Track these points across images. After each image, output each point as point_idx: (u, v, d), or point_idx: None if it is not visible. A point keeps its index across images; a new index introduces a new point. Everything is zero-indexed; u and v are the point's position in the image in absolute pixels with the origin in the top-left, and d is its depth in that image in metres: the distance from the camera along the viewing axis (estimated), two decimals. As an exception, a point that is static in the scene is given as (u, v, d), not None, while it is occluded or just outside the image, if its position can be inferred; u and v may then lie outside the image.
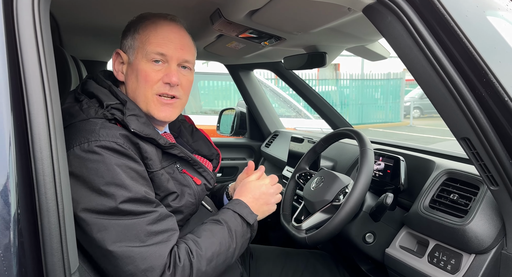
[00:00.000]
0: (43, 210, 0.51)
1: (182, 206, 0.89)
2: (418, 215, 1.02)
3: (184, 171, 0.93)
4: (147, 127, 0.86)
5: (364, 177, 1.01)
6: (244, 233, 0.91)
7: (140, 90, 0.90)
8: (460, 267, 0.88)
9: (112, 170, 0.77)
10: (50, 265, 0.50)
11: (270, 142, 2.36)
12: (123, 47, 0.95)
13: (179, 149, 0.91)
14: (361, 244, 1.14)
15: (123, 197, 0.76)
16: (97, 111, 0.84)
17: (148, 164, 0.84)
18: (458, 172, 1.00)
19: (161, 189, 0.87)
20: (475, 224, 0.86)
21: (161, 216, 0.81)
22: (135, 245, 0.75)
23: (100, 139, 0.78)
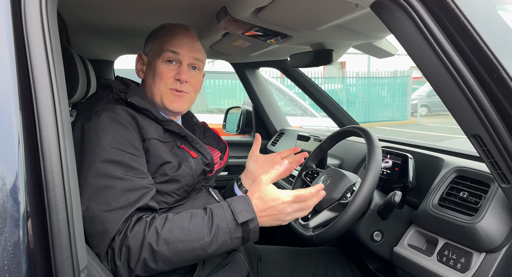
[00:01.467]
0: (52, 208, 0.51)
1: (178, 175, 0.94)
2: (427, 213, 1.01)
3: (182, 147, 1.01)
4: (146, 102, 0.97)
5: (372, 175, 1.00)
6: (230, 230, 0.83)
7: (156, 85, 1.04)
8: (470, 266, 0.87)
9: (101, 134, 0.86)
10: (59, 262, 0.51)
11: (276, 141, 2.35)
12: (145, 51, 1.12)
13: (176, 126, 1.00)
14: (369, 242, 1.13)
15: (103, 157, 0.83)
16: (107, 95, 0.99)
17: (144, 133, 0.93)
18: (468, 169, 0.99)
19: (156, 157, 0.92)
20: (486, 222, 0.84)
21: (135, 186, 0.84)
22: (101, 208, 0.81)
23: (99, 109, 0.91)
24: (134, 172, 0.86)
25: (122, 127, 0.89)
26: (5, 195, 0.51)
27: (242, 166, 2.45)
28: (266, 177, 0.89)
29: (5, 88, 0.52)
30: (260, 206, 0.86)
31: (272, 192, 0.87)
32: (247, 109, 2.55)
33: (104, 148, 0.85)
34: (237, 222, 0.83)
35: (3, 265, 0.49)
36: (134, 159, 0.88)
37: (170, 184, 0.94)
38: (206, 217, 0.84)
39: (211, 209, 0.86)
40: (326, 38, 1.39)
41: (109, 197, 0.82)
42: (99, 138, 0.86)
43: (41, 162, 0.51)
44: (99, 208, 0.81)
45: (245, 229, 0.84)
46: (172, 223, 0.82)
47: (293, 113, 4.59)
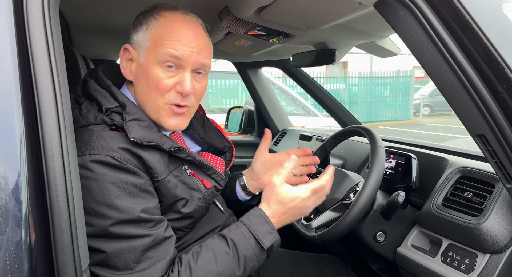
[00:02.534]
0: (54, 208, 0.51)
1: (192, 212, 0.84)
2: (431, 213, 1.00)
3: (193, 174, 0.86)
4: (150, 132, 0.79)
5: (375, 175, 1.00)
6: (257, 256, 0.78)
7: (150, 97, 0.82)
8: (475, 267, 0.86)
9: (104, 189, 0.71)
10: (61, 262, 0.50)
11: (278, 140, 2.35)
12: (133, 43, 0.84)
13: (185, 153, 0.84)
14: (372, 243, 1.13)
15: (114, 219, 0.71)
16: (96, 117, 0.78)
17: (153, 173, 0.78)
18: (473, 170, 0.98)
19: (169, 197, 0.81)
20: (491, 223, 0.84)
21: (155, 241, 0.74)
22: (121, 273, 0.71)
23: (94, 153, 0.72)
24: (151, 224, 0.75)
25: (127, 173, 0.74)
26: (7, 195, 0.50)
27: (244, 166, 2.45)
28: (278, 179, 0.84)
29: (7, 87, 0.52)
30: (280, 210, 0.82)
31: (289, 193, 0.83)
32: (249, 109, 2.55)
33: (112, 208, 0.71)
34: (262, 247, 0.79)
35: (5, 265, 0.49)
36: (148, 209, 0.75)
37: (182, 221, 0.85)
38: (231, 252, 0.77)
39: (232, 240, 0.78)
40: (329, 37, 1.38)
41: (129, 261, 0.71)
42: (104, 195, 0.71)
43: (43, 162, 0.51)
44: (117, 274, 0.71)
45: (269, 249, 0.80)
46: (199, 272, 0.74)
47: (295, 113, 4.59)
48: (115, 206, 0.71)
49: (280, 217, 0.83)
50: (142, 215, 0.73)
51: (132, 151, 0.76)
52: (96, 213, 0.70)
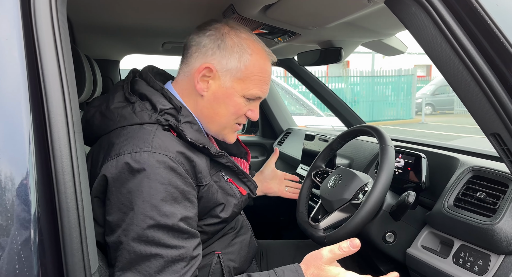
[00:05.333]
0: (63, 210, 0.49)
1: (228, 217, 0.87)
2: (442, 214, 0.98)
3: (230, 180, 0.90)
4: (200, 135, 0.83)
5: (385, 175, 0.98)
6: None
7: (226, 117, 0.89)
8: (488, 269, 0.85)
9: (154, 188, 0.71)
10: (71, 265, 0.49)
11: (282, 140, 2.33)
12: (220, 66, 0.85)
13: (227, 158, 0.88)
14: (381, 244, 1.11)
15: (153, 221, 0.70)
16: (151, 116, 0.80)
17: (200, 178, 0.80)
18: (485, 169, 0.96)
19: (212, 201, 0.83)
20: (505, 224, 0.82)
21: (183, 256, 0.73)
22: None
23: (153, 150, 0.74)
24: (185, 236, 0.75)
25: (178, 177, 0.74)
26: (16, 197, 0.49)
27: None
28: (328, 256, 0.78)
29: (15, 88, 0.51)
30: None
31: (334, 274, 0.77)
32: (253, 109, 2.53)
33: (155, 208, 0.70)
34: None
35: (14, 268, 0.48)
36: (186, 218, 0.75)
37: (218, 225, 0.88)
38: None
39: None
40: (335, 35, 1.37)
41: (153, 268, 0.70)
42: (151, 193, 0.71)
43: (52, 164, 0.50)
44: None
45: None
46: None
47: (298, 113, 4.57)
48: (158, 207, 0.71)
49: None
50: (180, 223, 0.73)
51: (186, 155, 0.78)
52: (138, 210, 0.70)
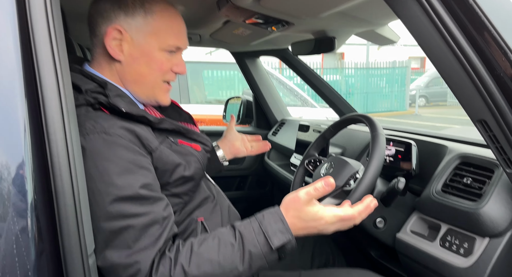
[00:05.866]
0: (59, 193, 0.50)
1: (193, 174, 0.87)
2: (430, 199, 1.01)
3: (180, 142, 0.89)
4: (135, 106, 0.82)
5: (376, 162, 1.00)
6: (265, 255, 0.74)
7: (151, 76, 0.87)
8: (474, 251, 0.88)
9: (100, 166, 0.71)
10: (68, 247, 0.50)
11: (277, 131, 2.35)
12: (127, 25, 0.84)
13: (168, 122, 0.88)
14: (372, 229, 1.14)
15: (112, 196, 0.70)
16: (77, 98, 0.77)
17: (147, 145, 0.80)
18: (472, 156, 0.99)
19: (169, 164, 0.83)
20: (490, 208, 0.85)
21: (155, 219, 0.74)
22: (120, 255, 0.70)
23: (87, 132, 0.73)
24: (150, 201, 0.75)
25: (123, 149, 0.74)
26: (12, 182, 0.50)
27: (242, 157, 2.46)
28: (305, 197, 0.78)
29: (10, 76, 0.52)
30: (298, 224, 0.78)
31: (313, 213, 0.78)
32: (247, 99, 2.54)
33: (110, 185, 0.71)
34: (272, 247, 0.74)
35: (12, 250, 0.49)
36: (147, 185, 0.75)
37: (185, 184, 0.88)
38: (236, 244, 0.74)
39: (240, 233, 0.76)
40: (329, 25, 1.37)
41: (128, 239, 0.71)
42: (100, 172, 0.71)
43: (47, 148, 0.50)
44: (119, 254, 0.70)
45: (281, 250, 0.75)
46: (199, 258, 0.73)
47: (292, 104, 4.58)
48: (113, 182, 0.70)
49: (294, 230, 0.78)
50: (140, 191, 0.73)
51: (125, 127, 0.77)
52: (94, 192, 0.70)
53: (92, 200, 0.70)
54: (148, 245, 0.72)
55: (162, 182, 0.83)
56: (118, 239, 0.70)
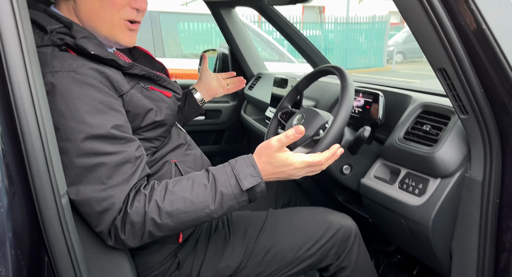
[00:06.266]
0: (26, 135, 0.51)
1: (164, 120, 0.88)
2: (392, 146, 1.08)
3: (151, 88, 0.89)
4: (103, 49, 0.80)
5: (343, 111, 1.04)
6: (236, 196, 0.79)
7: (105, 13, 0.82)
8: (427, 190, 0.96)
9: (71, 104, 0.71)
10: (39, 186, 0.52)
11: (253, 85, 2.34)
12: None
13: (139, 68, 0.86)
14: (339, 175, 1.21)
15: (84, 134, 0.71)
16: (43, 38, 0.75)
17: (118, 87, 0.79)
18: (432, 104, 1.04)
19: (140, 108, 0.84)
20: (443, 151, 0.92)
21: (127, 158, 0.76)
22: (94, 189, 0.72)
23: (55, 70, 0.72)
24: (122, 141, 0.76)
25: (94, 90, 0.74)
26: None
27: (219, 111, 2.46)
28: (277, 144, 0.80)
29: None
30: (269, 170, 0.82)
31: (284, 159, 0.81)
32: (224, 52, 2.48)
33: (82, 123, 0.71)
34: (242, 189, 0.78)
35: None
36: (118, 126, 0.76)
37: (157, 129, 0.89)
38: (209, 185, 0.78)
39: (213, 175, 0.80)
40: (304, -28, 1.33)
41: (101, 176, 0.73)
42: (71, 110, 0.70)
43: (9, 89, 0.50)
44: (92, 189, 0.72)
45: (251, 193, 0.80)
46: (172, 195, 0.76)
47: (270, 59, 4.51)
48: (84, 120, 0.71)
49: (265, 175, 0.82)
50: (112, 131, 0.74)
51: (94, 68, 0.76)
52: (65, 129, 0.70)
53: (64, 137, 0.70)
54: (121, 182, 0.74)
55: (134, 126, 0.84)
56: (92, 175, 0.72)
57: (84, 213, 0.74)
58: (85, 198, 0.72)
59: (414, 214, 0.98)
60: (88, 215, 0.74)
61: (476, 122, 0.81)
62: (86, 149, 0.71)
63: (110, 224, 0.74)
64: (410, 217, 0.99)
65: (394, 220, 1.07)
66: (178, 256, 0.93)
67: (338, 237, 1.03)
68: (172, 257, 0.93)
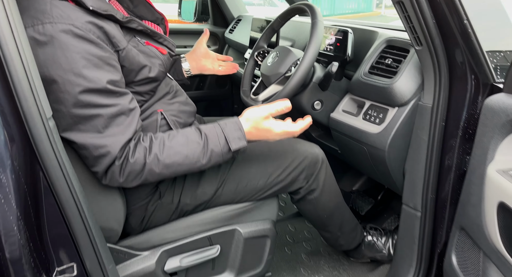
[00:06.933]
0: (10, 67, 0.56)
1: (156, 76, 0.94)
2: (358, 81, 1.16)
3: (147, 43, 0.93)
4: (102, 2, 0.81)
5: (312, 47, 1.09)
6: (223, 154, 0.90)
7: None
8: (385, 119, 1.06)
9: (70, 58, 0.74)
10: (26, 109, 0.58)
11: (233, 28, 2.32)
12: None
13: (136, 22, 0.89)
14: (310, 111, 1.30)
15: (82, 87, 0.75)
16: None
17: (115, 43, 0.82)
18: (395, 39, 1.10)
19: (135, 64, 0.88)
20: (401, 82, 1.00)
21: (121, 110, 0.82)
22: (92, 136, 0.79)
23: (55, 21, 0.73)
24: (116, 95, 0.81)
25: (91, 44, 0.76)
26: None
27: (200, 55, 2.45)
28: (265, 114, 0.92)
29: None
30: (253, 134, 0.93)
31: (268, 126, 0.93)
32: (203, -6, 2.41)
33: (80, 76, 0.75)
34: (230, 149, 0.90)
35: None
36: (114, 81, 0.80)
37: (149, 84, 0.94)
38: (202, 143, 0.88)
39: (205, 134, 0.90)
40: None
41: (98, 125, 0.79)
42: (71, 64, 0.74)
43: None
44: (90, 136, 0.79)
45: (235, 152, 0.92)
46: (170, 150, 0.86)
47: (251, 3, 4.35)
48: (82, 74, 0.75)
49: (249, 138, 0.94)
50: (108, 86, 0.79)
51: (93, 22, 0.78)
52: (64, 81, 0.74)
53: (62, 88, 0.75)
54: (117, 132, 0.82)
55: (127, 80, 0.89)
56: (89, 124, 0.78)
57: (82, 155, 0.82)
58: (83, 142, 0.78)
59: (374, 141, 1.09)
60: (85, 157, 0.82)
61: (429, 53, 0.88)
62: (83, 101, 0.76)
63: (106, 168, 0.82)
64: (370, 144, 1.10)
65: (358, 148, 1.19)
66: (159, 188, 1.04)
67: (306, 163, 1.14)
68: (154, 189, 1.03)
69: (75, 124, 0.78)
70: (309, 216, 1.27)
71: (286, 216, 1.74)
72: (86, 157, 0.81)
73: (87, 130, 0.79)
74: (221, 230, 1.05)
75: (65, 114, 0.76)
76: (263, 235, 1.11)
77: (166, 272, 0.99)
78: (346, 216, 1.31)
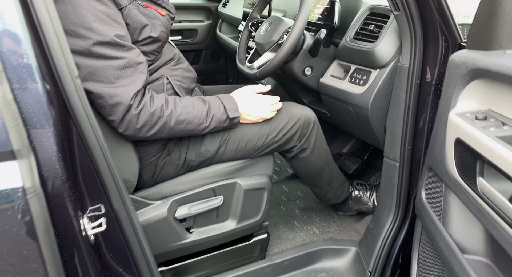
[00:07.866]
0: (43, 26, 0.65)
1: (158, 36, 1.03)
2: (345, 47, 1.26)
3: (147, 6, 1.03)
4: None
5: (302, 15, 1.19)
6: (222, 121, 1.08)
7: None
8: (368, 80, 1.18)
9: (80, 14, 0.83)
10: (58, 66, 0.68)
11: (227, 1, 2.37)
12: None
13: None
14: (301, 77, 1.41)
15: (92, 40, 0.84)
16: None
17: (118, 1, 0.91)
18: (377, 6, 1.20)
19: (137, 22, 0.97)
20: (382, 46, 1.11)
21: (130, 63, 0.91)
22: (105, 86, 0.88)
23: None
24: (124, 48, 0.91)
25: (97, 2, 0.86)
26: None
27: (194, 30, 2.52)
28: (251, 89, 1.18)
29: None
30: (244, 109, 1.13)
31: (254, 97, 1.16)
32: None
33: (90, 30, 0.84)
34: (228, 116, 1.07)
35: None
36: (120, 36, 0.90)
37: (152, 44, 1.03)
38: (206, 108, 1.05)
39: (208, 102, 1.07)
40: None
41: (110, 75, 0.88)
42: (80, 19, 0.83)
43: None
44: (104, 86, 0.88)
45: (230, 122, 1.10)
46: (183, 108, 1.01)
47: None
48: (92, 28, 0.85)
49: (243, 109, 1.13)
50: (116, 39, 0.89)
51: None
52: (76, 34, 0.85)
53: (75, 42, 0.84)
54: (127, 83, 0.92)
55: (133, 39, 0.99)
56: (102, 75, 0.89)
57: (98, 105, 0.91)
58: (99, 92, 0.89)
59: (358, 100, 1.21)
60: (101, 106, 0.92)
61: (405, 17, 0.99)
62: (95, 53, 0.86)
63: (122, 116, 0.92)
64: (355, 103, 1.23)
65: (345, 109, 1.31)
66: (167, 145, 1.16)
67: (300, 124, 1.26)
68: (163, 146, 1.15)
69: (90, 75, 0.88)
70: (301, 173, 1.40)
71: (280, 179, 1.88)
72: (103, 106, 0.91)
73: (101, 80, 0.89)
74: (224, 182, 1.17)
75: (80, 66, 0.85)
76: (261, 187, 1.24)
77: (177, 219, 1.12)
78: (334, 173, 1.45)
